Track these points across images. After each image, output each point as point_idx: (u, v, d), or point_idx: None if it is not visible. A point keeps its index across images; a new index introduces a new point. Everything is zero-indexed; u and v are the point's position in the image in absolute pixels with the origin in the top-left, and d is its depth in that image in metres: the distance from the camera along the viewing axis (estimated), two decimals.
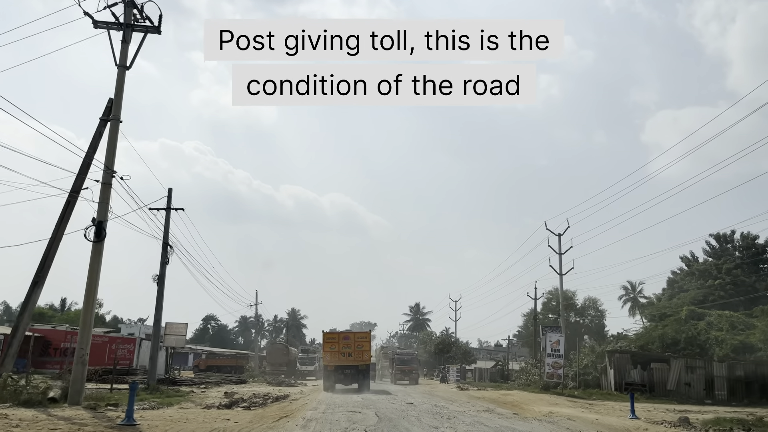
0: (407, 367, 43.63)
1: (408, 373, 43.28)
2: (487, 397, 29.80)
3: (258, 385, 35.25)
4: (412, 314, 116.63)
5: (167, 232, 24.70)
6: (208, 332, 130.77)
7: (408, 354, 47.01)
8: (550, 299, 65.86)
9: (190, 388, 26.32)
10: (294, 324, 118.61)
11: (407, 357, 45.36)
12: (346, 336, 34.06)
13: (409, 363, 44.29)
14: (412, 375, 43.56)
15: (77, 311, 69.68)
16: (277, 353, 60.51)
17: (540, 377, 37.82)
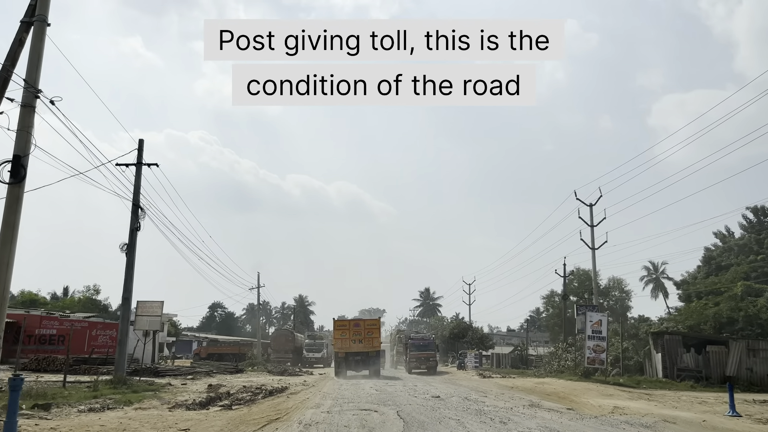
0: (424, 353, 37.92)
1: (425, 360, 37.71)
2: (521, 387, 25.17)
3: (256, 375, 30.75)
4: (422, 299, 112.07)
5: (137, 191, 20.04)
6: (215, 320, 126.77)
7: (425, 339, 40.43)
8: (572, 280, 61.08)
9: (171, 380, 21.82)
10: (301, 311, 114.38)
11: (424, 342, 39.21)
12: (357, 323, 33.65)
13: (427, 349, 38.39)
14: (430, 363, 37.86)
15: (72, 298, 65.51)
16: (282, 340, 56.09)
17: (575, 362, 33.10)
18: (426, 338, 40.93)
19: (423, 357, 37.70)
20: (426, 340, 39.79)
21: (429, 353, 38.15)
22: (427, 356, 37.84)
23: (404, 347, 42.37)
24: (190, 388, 18.85)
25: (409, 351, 38.77)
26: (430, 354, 38.18)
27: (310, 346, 54.60)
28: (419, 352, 38.03)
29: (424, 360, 37.71)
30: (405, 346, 41.44)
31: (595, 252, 37.65)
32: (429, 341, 39.66)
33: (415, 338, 40.33)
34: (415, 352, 38.15)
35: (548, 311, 61.91)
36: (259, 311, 51.07)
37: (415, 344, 38.91)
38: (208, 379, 24.89)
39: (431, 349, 38.75)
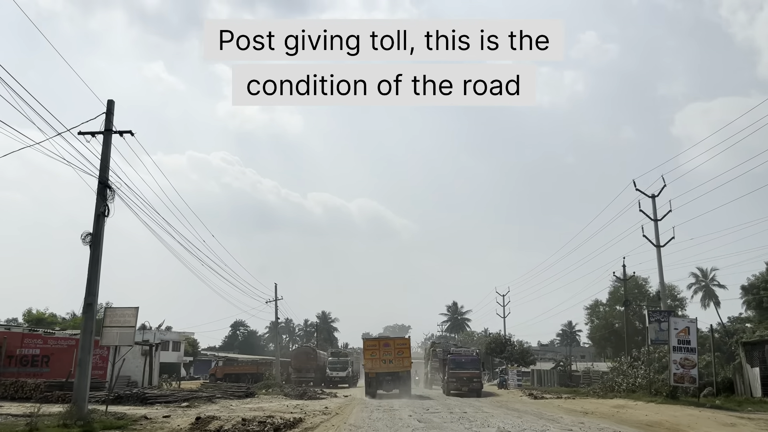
0: (467, 372, 31.54)
1: (468, 381, 31.27)
2: (598, 413, 19.64)
3: (270, 399, 25.60)
4: (450, 314, 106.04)
5: (105, 166, 15.24)
6: (237, 338, 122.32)
7: (467, 355, 33.63)
8: (618, 288, 54.96)
9: (156, 410, 16.80)
10: (325, 327, 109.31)
11: (467, 359, 32.59)
12: (387, 342, 32.89)
13: (470, 367, 31.96)
14: (474, 384, 31.34)
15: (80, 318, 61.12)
16: (303, 358, 50.82)
17: (648, 380, 27.32)
18: (469, 354, 34.17)
19: (465, 377, 31.34)
20: (469, 357, 33.20)
21: (473, 372, 31.81)
22: (470, 376, 31.47)
23: (441, 363, 36.47)
24: (171, 424, 13.79)
25: (448, 369, 32.45)
26: (473, 374, 31.79)
27: (334, 364, 49.19)
28: (461, 371, 31.75)
29: (467, 381, 31.33)
30: (442, 362, 35.59)
31: (660, 250, 31.95)
32: (473, 358, 33.04)
33: (455, 354, 33.82)
34: (456, 370, 31.86)
35: (592, 322, 55.83)
36: (278, 326, 46.04)
37: (456, 361, 32.46)
38: (208, 406, 19.80)
39: (475, 367, 32.31)
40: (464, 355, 33.74)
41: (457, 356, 33.11)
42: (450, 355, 33.54)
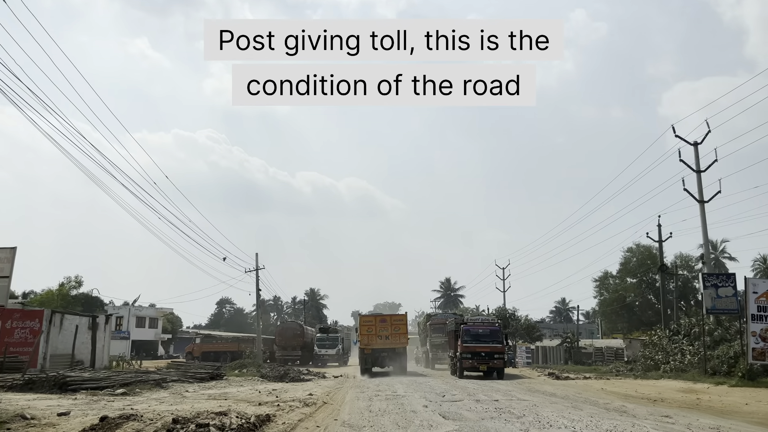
0: (487, 347, 25.00)
1: (488, 357, 24.84)
2: (673, 401, 14.64)
3: (242, 382, 20.38)
4: (443, 290, 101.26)
5: None
6: (224, 316, 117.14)
7: (487, 325, 26.52)
8: (630, 258, 50.14)
9: (60, 401, 11.53)
10: (313, 305, 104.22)
11: (486, 330, 25.66)
12: (383, 318, 31.75)
13: (490, 341, 25.28)
14: (495, 361, 24.98)
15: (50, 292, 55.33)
16: (288, 334, 45.64)
17: (699, 356, 22.36)
18: (489, 324, 26.94)
19: (485, 352, 24.88)
20: (489, 328, 26.19)
21: (494, 347, 25.13)
22: (491, 351, 24.93)
23: (451, 337, 29.45)
24: (61, 427, 8.48)
25: (461, 343, 25.55)
26: (495, 348, 25.12)
27: (323, 341, 44.03)
28: (479, 345, 25.12)
29: (487, 357, 24.85)
30: (453, 335, 28.01)
31: (704, 206, 26.89)
32: (494, 329, 26.06)
33: (472, 324, 26.68)
34: (472, 344, 25.19)
35: (602, 296, 51.02)
36: (259, 298, 40.65)
37: (472, 333, 25.56)
38: (151, 394, 14.53)
39: (497, 340, 25.49)
40: (483, 325, 26.68)
41: (473, 327, 26.23)
42: (464, 326, 26.35)
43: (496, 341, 25.50)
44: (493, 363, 25.03)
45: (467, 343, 25.43)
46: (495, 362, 25.06)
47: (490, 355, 25.02)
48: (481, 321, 27.84)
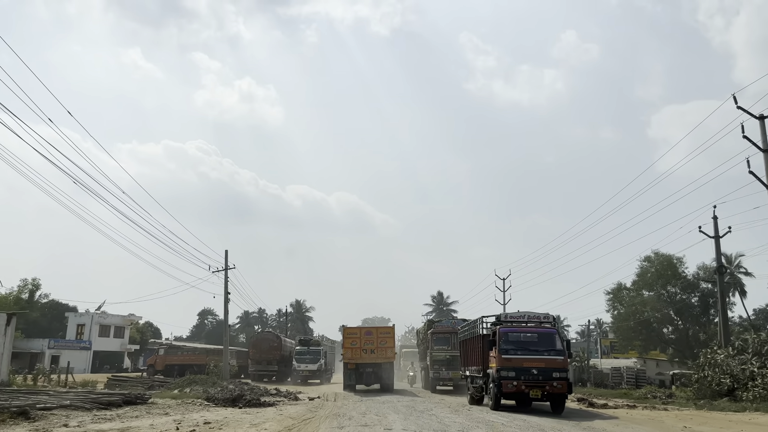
0: (540, 361, 16.13)
1: (543, 378, 15.98)
2: None
3: (168, 409, 14.21)
4: (435, 304, 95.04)
5: None
6: (205, 328, 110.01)
7: (538, 330, 17.14)
8: (647, 268, 44.29)
9: None
10: (299, 317, 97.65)
11: (535, 336, 16.85)
12: (369, 331, 29.40)
13: (544, 350, 16.44)
14: (556, 384, 15.91)
15: None
16: (264, 346, 39.33)
17: None
18: (542, 323, 17.45)
19: (538, 369, 16.02)
20: (543, 331, 17.10)
21: (553, 361, 16.15)
22: (547, 367, 16.03)
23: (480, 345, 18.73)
24: None
25: (499, 355, 16.39)
26: (554, 363, 16.14)
27: (302, 354, 37.63)
28: (528, 357, 16.17)
29: (542, 377, 15.92)
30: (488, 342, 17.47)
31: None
32: (548, 332, 17.02)
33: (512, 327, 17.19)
34: (518, 355, 16.18)
35: (616, 310, 45.06)
36: (227, 302, 34.27)
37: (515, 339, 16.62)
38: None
39: (556, 350, 16.44)
40: (532, 327, 17.21)
41: (517, 331, 16.97)
42: (503, 328, 16.98)
43: (554, 352, 16.28)
44: (552, 387, 15.80)
45: (509, 353, 16.16)
46: (554, 386, 15.80)
47: (546, 374, 15.92)
48: (527, 319, 17.62)
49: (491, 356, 17.13)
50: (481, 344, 18.20)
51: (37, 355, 48.73)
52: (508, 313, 17.87)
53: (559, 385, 15.96)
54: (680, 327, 44.06)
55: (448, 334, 25.88)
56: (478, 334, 18.87)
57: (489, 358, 17.35)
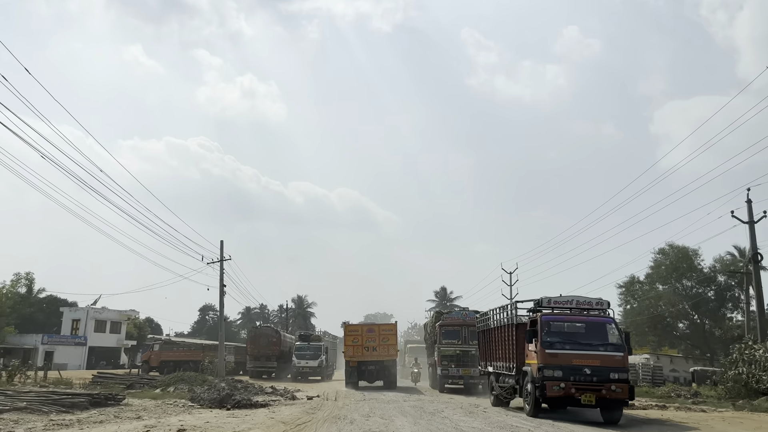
0: (594, 357, 12.99)
1: (601, 380, 12.76)
2: None
3: (142, 411, 12.33)
4: (438, 299, 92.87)
5: None
6: (206, 324, 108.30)
7: (589, 318, 13.96)
8: (662, 261, 42.35)
9: None
10: (301, 313, 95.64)
11: (588, 327, 13.73)
12: (371, 328, 28.75)
13: (598, 344, 13.27)
14: (614, 388, 12.66)
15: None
16: (262, 342, 37.47)
17: None
18: (598, 305, 14.46)
19: (592, 368, 12.90)
20: (597, 319, 14.06)
21: (610, 358, 13.06)
22: (603, 366, 12.93)
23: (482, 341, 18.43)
24: None
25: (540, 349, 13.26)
26: (611, 360, 13.04)
27: (302, 350, 35.76)
28: (579, 353, 13.14)
29: (596, 379, 12.82)
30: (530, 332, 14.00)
31: None
32: (604, 322, 13.99)
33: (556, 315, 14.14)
34: (567, 350, 13.19)
35: (629, 304, 43.06)
36: (223, 295, 32.36)
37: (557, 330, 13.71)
38: None
39: (612, 344, 13.35)
40: (580, 316, 14.19)
41: (564, 318, 14.08)
42: (545, 316, 13.94)
43: (611, 347, 13.27)
44: (609, 391, 12.66)
45: (554, 347, 13.18)
46: (612, 390, 12.67)
47: (602, 374, 12.84)
48: (574, 304, 14.39)
49: (529, 350, 14.03)
50: (514, 335, 15.09)
51: (30, 351, 46.99)
52: (551, 297, 14.44)
53: (618, 388, 12.73)
54: (697, 322, 42.08)
55: (458, 326, 23.27)
56: (508, 323, 15.71)
57: (525, 353, 14.34)
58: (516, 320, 15.27)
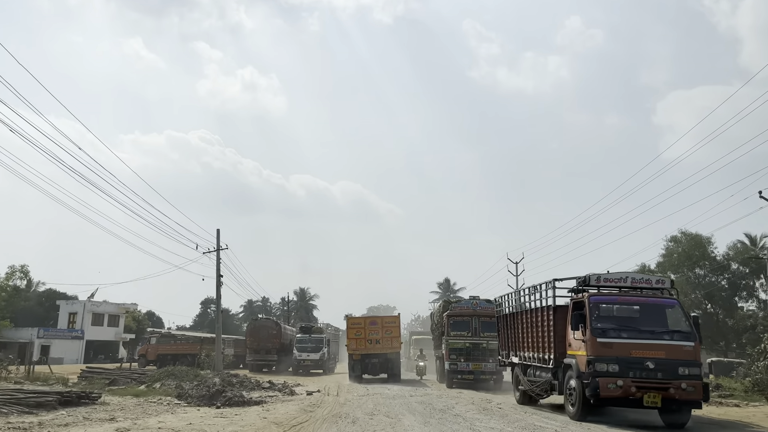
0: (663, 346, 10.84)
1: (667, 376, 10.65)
2: None
3: (117, 411, 10.97)
4: (442, 291, 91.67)
5: None
6: (208, 317, 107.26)
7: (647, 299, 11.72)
8: (674, 249, 40.88)
9: None
10: (303, 305, 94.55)
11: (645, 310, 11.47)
12: (374, 321, 28.08)
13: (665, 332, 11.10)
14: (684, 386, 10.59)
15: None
16: (262, 334, 36.18)
17: None
18: (659, 284, 12.29)
19: (656, 361, 10.70)
20: (657, 301, 11.82)
21: (677, 348, 10.87)
22: (670, 359, 10.75)
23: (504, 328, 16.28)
24: None
25: (594, 336, 10.99)
26: (679, 350, 10.89)
27: (304, 343, 34.46)
28: (639, 342, 10.92)
29: (661, 375, 10.65)
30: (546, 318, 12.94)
31: None
32: (667, 304, 11.74)
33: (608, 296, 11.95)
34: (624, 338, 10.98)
35: None
36: (219, 286, 31.05)
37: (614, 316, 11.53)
38: None
39: (678, 331, 11.11)
40: (639, 297, 11.92)
41: (618, 301, 11.86)
42: (593, 296, 11.77)
43: (678, 335, 11.07)
44: (679, 390, 10.58)
45: (607, 335, 11.01)
46: (683, 388, 10.59)
47: (669, 368, 10.69)
48: (630, 283, 12.11)
49: (573, 338, 11.77)
50: (551, 320, 12.68)
51: (26, 345, 45.81)
52: (599, 274, 12.05)
53: (690, 386, 10.53)
54: (709, 312, 40.67)
55: (468, 317, 21.44)
56: (543, 306, 13.25)
57: (567, 341, 12.14)
58: (553, 302, 12.83)
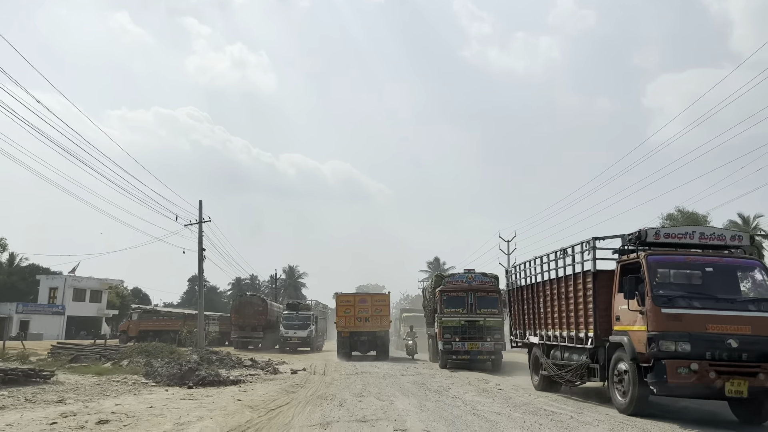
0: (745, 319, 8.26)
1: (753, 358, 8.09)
2: None
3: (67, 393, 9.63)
4: (431, 270, 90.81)
5: None
6: (196, 294, 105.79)
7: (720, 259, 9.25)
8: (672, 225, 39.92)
9: None
10: (292, 283, 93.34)
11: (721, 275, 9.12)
12: (363, 298, 27.87)
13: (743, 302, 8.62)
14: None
15: None
16: (248, 311, 34.91)
17: None
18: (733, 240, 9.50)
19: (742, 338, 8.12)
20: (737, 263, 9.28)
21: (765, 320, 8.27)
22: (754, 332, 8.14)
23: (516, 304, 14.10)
24: None
25: (658, 306, 8.35)
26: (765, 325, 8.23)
27: (290, 320, 33.19)
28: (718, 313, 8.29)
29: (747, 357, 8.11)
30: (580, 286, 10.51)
31: None
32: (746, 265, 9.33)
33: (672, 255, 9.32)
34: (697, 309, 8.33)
35: None
36: (202, 260, 29.61)
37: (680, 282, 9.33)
38: None
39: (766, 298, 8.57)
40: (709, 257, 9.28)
41: (678, 260, 9.35)
42: (652, 256, 9.02)
43: (764, 304, 8.54)
44: None
45: (674, 304, 8.44)
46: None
47: (757, 347, 8.16)
48: (698, 240, 9.47)
49: (622, 310, 9.16)
50: (590, 288, 10.10)
51: (3, 321, 44.27)
52: (657, 229, 9.64)
53: None
54: None
55: (463, 292, 19.88)
56: (576, 272, 10.72)
57: (613, 314, 9.59)
58: (593, 266, 10.13)
